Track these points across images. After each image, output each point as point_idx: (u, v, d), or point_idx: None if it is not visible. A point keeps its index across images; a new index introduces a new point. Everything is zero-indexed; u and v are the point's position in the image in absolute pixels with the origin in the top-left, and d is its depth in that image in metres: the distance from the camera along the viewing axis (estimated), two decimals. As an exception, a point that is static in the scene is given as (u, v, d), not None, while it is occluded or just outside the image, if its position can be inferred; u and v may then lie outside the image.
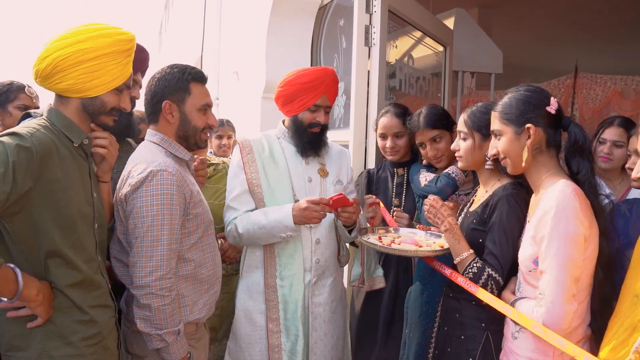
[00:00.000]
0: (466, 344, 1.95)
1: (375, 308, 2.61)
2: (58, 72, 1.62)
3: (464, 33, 5.40)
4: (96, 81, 1.67)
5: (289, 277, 2.25)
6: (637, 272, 1.52)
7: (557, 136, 1.74)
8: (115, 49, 1.68)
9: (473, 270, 1.84)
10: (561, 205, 1.59)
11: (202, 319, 1.96)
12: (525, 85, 1.80)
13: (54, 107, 1.70)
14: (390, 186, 2.70)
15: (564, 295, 1.57)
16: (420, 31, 3.60)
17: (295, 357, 2.24)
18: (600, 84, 7.23)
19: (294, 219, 2.12)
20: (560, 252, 1.58)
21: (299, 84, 2.26)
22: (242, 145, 2.31)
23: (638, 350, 1.39)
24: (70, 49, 1.61)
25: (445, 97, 3.94)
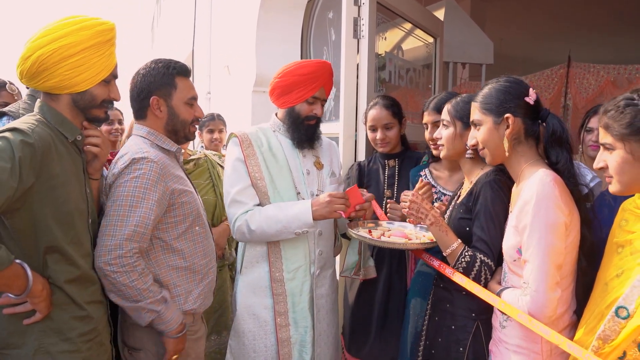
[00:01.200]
0: (457, 334, 1.97)
1: (369, 300, 2.63)
2: (43, 70, 1.61)
3: (455, 24, 5.41)
4: (83, 75, 1.66)
5: (295, 270, 2.27)
6: (608, 260, 1.55)
7: (536, 127, 1.77)
8: (97, 40, 1.67)
9: (465, 260, 1.85)
10: (541, 194, 1.61)
11: (198, 309, 1.98)
12: (505, 77, 1.82)
13: (45, 102, 1.69)
14: (382, 178, 2.72)
15: (547, 283, 1.60)
16: (410, 23, 3.60)
17: (305, 349, 2.27)
18: (593, 73, 7.23)
19: (313, 214, 2.13)
20: (542, 240, 1.60)
21: (298, 75, 2.26)
22: (241, 139, 2.29)
23: (601, 337, 1.42)
24: (52, 45, 1.60)
25: (436, 89, 3.95)
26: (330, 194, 2.15)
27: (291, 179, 2.29)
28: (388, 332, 2.57)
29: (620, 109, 1.42)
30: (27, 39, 1.63)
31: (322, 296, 2.35)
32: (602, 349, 1.41)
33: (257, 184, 2.24)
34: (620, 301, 1.39)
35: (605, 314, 1.43)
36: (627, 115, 1.40)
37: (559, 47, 7.83)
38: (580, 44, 8.47)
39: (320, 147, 2.44)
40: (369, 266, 2.53)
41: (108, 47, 1.71)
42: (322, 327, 2.34)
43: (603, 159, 1.50)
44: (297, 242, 2.27)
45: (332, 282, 2.43)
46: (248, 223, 2.17)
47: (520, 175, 1.77)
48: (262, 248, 2.27)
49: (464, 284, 1.85)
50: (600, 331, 1.42)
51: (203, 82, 7.08)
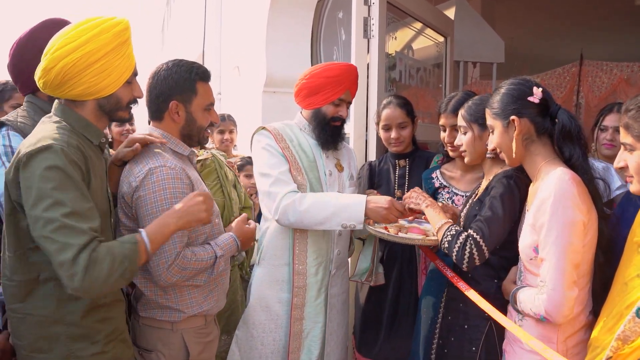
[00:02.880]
0: (469, 334, 1.98)
1: (379, 300, 2.64)
2: (68, 79, 1.59)
3: (465, 23, 5.38)
4: (108, 79, 1.65)
5: (318, 265, 2.30)
6: (628, 259, 1.54)
7: (547, 124, 1.75)
8: (117, 42, 1.65)
9: (451, 233, 1.88)
10: (559, 193, 1.61)
11: (211, 311, 1.98)
12: (511, 79, 1.83)
13: (67, 107, 1.68)
14: (393, 178, 2.72)
15: (564, 281, 1.59)
16: (420, 22, 3.60)
17: (314, 343, 2.30)
18: (606, 71, 7.17)
19: (367, 211, 2.14)
20: (560, 239, 1.59)
21: (325, 77, 2.29)
22: (274, 133, 2.31)
23: (620, 338, 1.41)
24: (75, 54, 1.57)
25: (446, 88, 3.94)
26: (392, 200, 2.16)
27: (319, 177, 2.32)
28: (398, 333, 2.57)
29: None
30: (46, 50, 1.61)
31: (334, 295, 2.38)
32: (622, 349, 1.39)
33: (295, 174, 2.26)
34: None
35: (625, 314, 1.42)
36: None
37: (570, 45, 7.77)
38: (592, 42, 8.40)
39: (340, 150, 2.47)
40: (379, 272, 2.54)
41: (126, 47, 1.70)
42: (332, 326, 2.36)
43: (623, 158, 1.49)
44: (322, 239, 2.31)
45: (343, 283, 2.45)
46: (296, 204, 2.16)
47: (538, 173, 1.77)
48: (286, 241, 2.29)
49: (478, 301, 1.85)
50: (619, 332, 1.40)
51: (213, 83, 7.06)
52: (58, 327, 1.60)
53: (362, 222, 2.15)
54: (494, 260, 1.96)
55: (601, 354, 1.45)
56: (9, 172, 1.56)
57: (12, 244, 1.62)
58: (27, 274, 1.60)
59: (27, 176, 1.49)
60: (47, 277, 1.59)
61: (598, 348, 1.49)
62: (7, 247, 1.64)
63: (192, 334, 1.90)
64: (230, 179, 3.01)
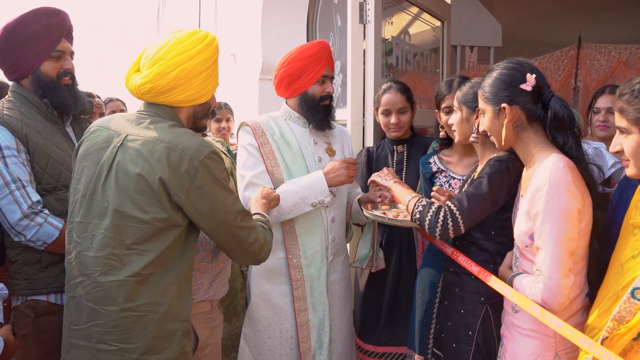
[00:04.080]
0: (466, 318, 1.99)
1: (379, 286, 2.66)
2: (180, 85, 1.67)
3: (462, 7, 5.35)
4: (209, 87, 1.75)
5: (312, 256, 2.30)
6: (624, 241, 1.54)
7: (539, 111, 1.74)
8: (218, 54, 1.77)
9: (422, 203, 1.93)
10: (554, 181, 1.60)
11: (216, 296, 2.01)
12: (506, 61, 1.81)
13: (174, 112, 1.73)
14: (391, 163, 2.72)
15: (560, 270, 1.59)
16: (416, 6, 3.57)
17: (323, 332, 2.31)
18: (604, 53, 7.15)
19: (329, 181, 2.19)
20: (555, 228, 1.59)
21: (303, 58, 2.28)
22: (253, 128, 2.30)
23: (616, 318, 1.42)
24: (193, 61, 1.66)
25: (443, 73, 3.92)
26: (342, 159, 2.24)
27: (305, 166, 2.31)
28: (398, 318, 2.59)
29: (635, 92, 1.41)
30: (154, 57, 1.65)
31: (334, 282, 2.39)
32: (617, 329, 1.41)
33: (272, 171, 2.26)
34: (636, 282, 1.38)
35: (621, 295, 1.42)
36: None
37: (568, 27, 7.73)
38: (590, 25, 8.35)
39: (331, 134, 2.45)
40: (379, 257, 2.55)
41: (217, 59, 1.80)
42: (335, 312, 2.37)
43: (619, 142, 1.49)
44: (313, 228, 2.30)
45: (343, 268, 2.46)
46: None
47: (531, 159, 1.76)
48: (278, 234, 2.28)
49: (477, 272, 1.86)
50: (615, 312, 1.41)
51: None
52: (176, 323, 1.63)
53: (329, 194, 2.21)
54: (490, 246, 1.97)
55: (598, 335, 1.47)
56: (173, 178, 1.57)
57: (142, 238, 1.59)
58: (157, 267, 1.60)
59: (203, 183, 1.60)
60: (176, 271, 1.63)
61: (595, 329, 1.50)
62: (123, 241, 1.59)
63: (200, 319, 1.93)
64: (227, 167, 3.00)
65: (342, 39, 3.13)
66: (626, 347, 1.40)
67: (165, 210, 1.57)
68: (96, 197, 1.62)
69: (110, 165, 1.61)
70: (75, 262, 1.62)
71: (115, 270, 1.57)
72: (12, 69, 2.04)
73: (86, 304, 1.58)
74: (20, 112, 2.01)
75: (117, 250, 1.57)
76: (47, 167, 1.99)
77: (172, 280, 1.61)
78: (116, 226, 1.58)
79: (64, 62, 2.10)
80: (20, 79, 2.07)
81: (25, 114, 2.02)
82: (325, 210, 2.33)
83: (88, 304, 1.58)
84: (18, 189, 1.89)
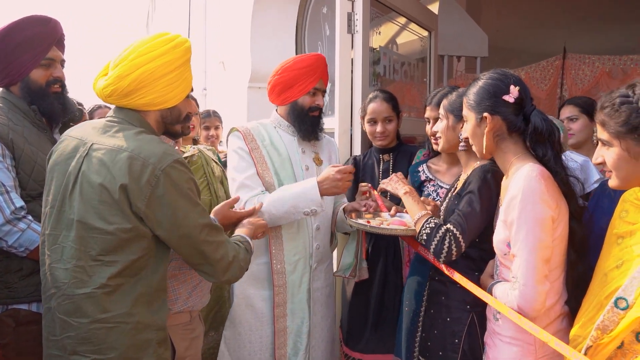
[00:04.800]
0: (452, 326, 2.00)
1: (365, 294, 2.66)
2: (142, 87, 1.63)
3: (449, 17, 5.41)
4: (176, 91, 1.70)
5: (295, 262, 2.31)
6: (608, 251, 1.56)
7: (519, 123, 1.76)
8: (187, 57, 1.72)
9: (430, 226, 1.90)
10: (527, 190, 1.62)
11: (195, 307, 1.99)
12: (491, 72, 1.83)
13: (141, 116, 1.70)
14: (377, 172, 2.74)
15: (535, 277, 1.61)
16: (404, 17, 3.61)
17: (300, 339, 2.31)
18: (588, 64, 7.23)
19: (322, 191, 2.16)
20: (529, 235, 1.61)
21: (297, 69, 2.31)
22: (244, 133, 2.33)
23: (599, 327, 1.42)
24: (154, 63, 1.62)
25: (431, 82, 3.96)
26: (339, 169, 2.18)
27: (292, 173, 2.33)
28: (384, 325, 2.60)
29: (616, 106, 1.42)
30: (117, 59, 1.64)
31: (317, 289, 2.40)
32: (601, 339, 1.42)
33: (263, 175, 2.28)
34: (619, 292, 1.40)
35: (605, 304, 1.44)
36: (623, 114, 1.40)
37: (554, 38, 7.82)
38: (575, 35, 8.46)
39: (319, 143, 2.47)
40: (363, 267, 2.56)
41: (189, 63, 1.76)
42: (316, 319, 2.38)
43: (601, 154, 1.50)
44: (297, 234, 2.31)
45: (327, 276, 2.47)
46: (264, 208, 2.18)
47: (509, 169, 1.78)
48: (262, 240, 2.29)
49: (457, 278, 1.88)
50: (599, 321, 1.42)
51: (199, 78, 7.08)
52: (150, 332, 1.60)
53: (321, 203, 2.18)
54: (474, 253, 1.99)
55: (582, 343, 1.48)
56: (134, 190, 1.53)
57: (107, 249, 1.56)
58: (126, 278, 1.57)
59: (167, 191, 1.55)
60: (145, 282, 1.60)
61: (580, 337, 1.51)
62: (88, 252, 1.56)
63: (177, 330, 1.90)
64: (217, 175, 3.00)
65: (331, 48, 3.15)
66: (610, 356, 1.41)
67: (129, 221, 1.54)
68: (64, 208, 1.60)
69: (76, 176, 1.59)
70: (48, 273, 1.61)
71: (83, 283, 1.55)
72: (2, 75, 2.05)
73: (58, 316, 1.58)
74: (7, 118, 2.00)
75: (83, 262, 1.55)
76: (33, 173, 1.99)
77: (144, 290, 1.59)
78: (81, 238, 1.55)
79: (54, 70, 2.12)
80: (10, 86, 2.07)
81: (12, 120, 2.01)
82: (311, 218, 2.35)
83: (60, 316, 1.57)
84: (1, 194, 1.89)
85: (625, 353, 1.41)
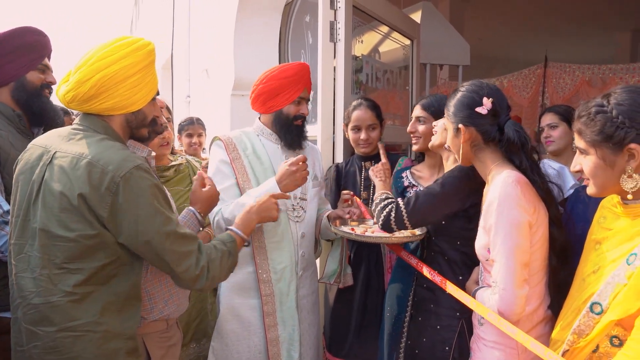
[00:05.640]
0: (442, 334, 2.01)
1: (348, 300, 2.67)
2: (103, 92, 1.60)
3: (431, 26, 5.46)
4: (139, 94, 1.67)
5: (281, 271, 2.30)
6: (586, 256, 1.58)
7: (494, 133, 1.79)
8: (150, 60, 1.69)
9: (382, 197, 2.01)
10: (503, 195, 1.65)
11: (172, 315, 1.97)
12: (468, 84, 1.87)
13: (105, 121, 1.68)
14: (359, 180, 2.76)
15: (514, 281, 1.63)
16: (386, 25, 3.65)
17: (293, 347, 2.30)
18: (569, 73, 7.34)
19: (282, 188, 2.15)
20: (507, 240, 1.64)
21: (283, 78, 2.31)
22: (225, 142, 2.32)
23: (576, 332, 1.45)
24: (115, 66, 1.60)
25: (413, 90, 4.00)
26: (290, 162, 2.17)
27: None
28: (366, 332, 2.61)
29: (592, 116, 1.44)
30: (77, 65, 1.62)
31: (303, 296, 2.39)
32: (577, 343, 1.44)
33: (243, 186, 2.27)
34: (595, 297, 1.42)
35: (582, 309, 1.46)
36: (598, 123, 1.43)
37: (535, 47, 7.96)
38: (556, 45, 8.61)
39: (302, 151, 2.48)
40: (347, 273, 2.57)
41: (153, 66, 1.73)
42: (304, 326, 2.37)
43: (579, 162, 1.52)
44: (282, 243, 2.31)
45: (312, 283, 2.47)
46: (222, 213, 2.20)
47: (489, 176, 1.81)
48: (247, 249, 2.29)
49: (439, 282, 1.90)
50: (575, 326, 1.45)
51: (182, 86, 7.06)
52: (119, 342, 1.58)
53: (284, 201, 2.18)
54: (456, 256, 2.02)
55: (560, 347, 1.50)
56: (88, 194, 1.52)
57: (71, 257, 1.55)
58: (93, 286, 1.56)
59: None
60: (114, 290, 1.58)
61: (558, 342, 1.53)
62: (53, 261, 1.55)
63: (153, 338, 1.87)
64: None
65: (313, 56, 3.17)
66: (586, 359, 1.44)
67: (92, 227, 1.53)
68: (28, 217, 1.58)
69: (39, 184, 1.58)
70: (14, 283, 1.60)
71: (48, 292, 1.53)
72: None
73: (25, 326, 1.55)
74: None
75: (47, 271, 1.53)
76: None
77: (113, 299, 1.57)
78: (45, 246, 1.54)
79: (47, 76, 2.25)
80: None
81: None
82: (296, 226, 2.35)
83: (26, 326, 1.55)
84: None
85: (600, 356, 1.43)
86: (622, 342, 1.38)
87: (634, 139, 1.38)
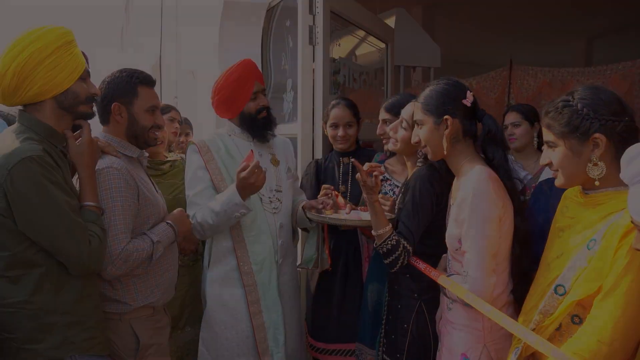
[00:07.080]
0: (402, 312, 2.04)
1: (328, 287, 2.68)
2: (24, 79, 1.59)
3: (405, 31, 5.48)
4: (61, 74, 1.64)
5: (261, 262, 2.29)
6: (551, 243, 1.61)
7: (473, 127, 1.81)
8: (64, 41, 1.66)
9: (392, 243, 1.89)
10: (477, 191, 1.67)
11: (157, 302, 1.97)
12: (445, 79, 1.86)
13: (31, 115, 1.66)
14: (337, 174, 2.76)
15: (484, 271, 1.67)
16: (362, 30, 3.65)
17: (278, 331, 2.30)
18: (532, 75, 7.41)
19: (242, 194, 2.11)
20: (479, 233, 1.67)
21: (230, 82, 2.29)
22: (199, 146, 2.31)
23: (542, 312, 1.49)
24: (25, 53, 1.58)
25: (388, 90, 4.01)
26: (241, 168, 2.09)
27: None
28: (346, 316, 2.62)
29: (559, 109, 1.47)
30: None
31: (284, 283, 2.39)
32: (543, 322, 1.48)
33: (219, 186, 2.26)
34: (558, 280, 1.46)
35: (547, 291, 1.49)
36: (565, 115, 1.45)
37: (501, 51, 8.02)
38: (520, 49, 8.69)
39: (275, 145, 2.47)
40: (324, 258, 2.56)
41: (73, 47, 1.70)
42: (285, 311, 2.37)
43: (548, 156, 1.54)
44: (260, 236, 2.30)
45: (292, 270, 2.47)
46: (196, 219, 2.20)
47: (460, 170, 1.82)
48: (228, 243, 2.28)
49: (424, 269, 1.90)
50: (541, 307, 1.48)
51: (170, 88, 6.98)
52: (54, 316, 1.60)
53: (246, 205, 2.12)
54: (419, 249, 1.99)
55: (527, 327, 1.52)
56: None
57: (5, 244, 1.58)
58: (22, 269, 1.58)
59: None
60: (44, 271, 1.59)
61: (526, 322, 1.56)
62: None
63: (140, 321, 1.90)
64: None
65: (294, 58, 3.16)
66: (550, 337, 1.46)
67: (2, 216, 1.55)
68: None
69: None
70: None
71: None
72: None
73: None
74: None
75: None
76: None
77: (44, 279, 1.59)
78: None
79: None
80: None
81: None
82: (274, 217, 2.34)
83: None
84: None
85: (562, 334, 1.47)
86: (582, 320, 1.42)
87: (598, 129, 1.41)
